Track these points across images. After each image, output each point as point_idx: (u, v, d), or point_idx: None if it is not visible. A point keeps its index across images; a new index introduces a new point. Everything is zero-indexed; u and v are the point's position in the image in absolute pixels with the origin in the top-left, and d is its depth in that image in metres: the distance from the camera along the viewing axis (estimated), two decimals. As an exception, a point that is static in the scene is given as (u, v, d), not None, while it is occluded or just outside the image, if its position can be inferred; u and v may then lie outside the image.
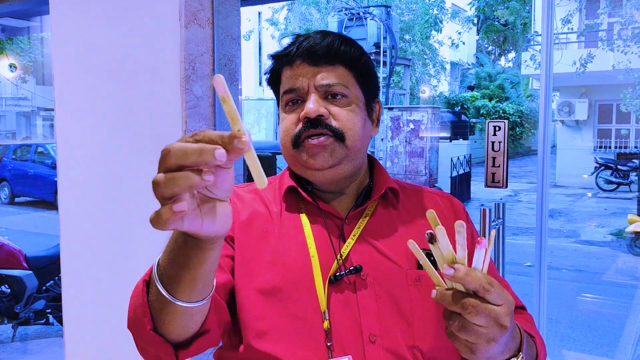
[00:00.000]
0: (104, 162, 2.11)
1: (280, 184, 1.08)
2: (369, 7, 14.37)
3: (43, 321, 4.74)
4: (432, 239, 0.71)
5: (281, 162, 13.57)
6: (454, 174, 11.78)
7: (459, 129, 17.63)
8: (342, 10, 14.28)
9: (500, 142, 1.58)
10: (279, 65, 1.05)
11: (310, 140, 0.99)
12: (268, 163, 9.64)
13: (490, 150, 1.59)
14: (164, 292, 0.73)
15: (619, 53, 11.45)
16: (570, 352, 4.70)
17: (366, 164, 1.09)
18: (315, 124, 0.98)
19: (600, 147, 15.23)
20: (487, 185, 1.64)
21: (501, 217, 1.67)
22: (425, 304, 0.98)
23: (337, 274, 0.97)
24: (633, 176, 12.85)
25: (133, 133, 2.02)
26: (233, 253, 0.99)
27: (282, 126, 1.04)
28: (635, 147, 14.48)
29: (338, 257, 0.98)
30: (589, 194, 13.06)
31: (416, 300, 0.98)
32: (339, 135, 0.99)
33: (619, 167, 13.20)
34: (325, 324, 0.93)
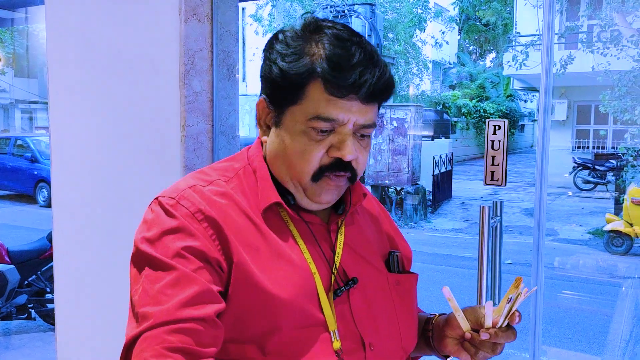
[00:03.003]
0: (100, 157, 2.11)
1: (256, 188, 0.97)
2: (353, 4, 14.40)
3: (25, 316, 4.70)
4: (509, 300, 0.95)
5: (264, 158, 13.50)
6: (436, 172, 11.89)
7: (441, 128, 17.78)
8: (326, 8, 14.29)
9: (500, 141, 1.62)
10: (321, 83, 0.89)
11: (330, 179, 0.93)
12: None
13: (489, 148, 1.63)
14: None
15: (599, 55, 11.65)
16: (551, 347, 4.79)
17: None
18: (344, 166, 0.92)
19: (579, 147, 15.49)
20: (486, 183, 1.68)
21: (499, 215, 1.71)
22: (404, 306, 1.02)
23: (338, 289, 0.94)
24: (610, 176, 13.10)
25: (131, 128, 2.01)
26: (222, 276, 0.88)
27: (301, 152, 0.92)
28: (613, 147, 14.76)
29: (334, 270, 0.95)
30: (570, 193, 13.28)
31: (397, 303, 1.01)
32: (354, 177, 0.96)
33: (597, 167, 13.45)
34: (337, 344, 0.91)
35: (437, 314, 1.10)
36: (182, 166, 1.90)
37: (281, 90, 0.92)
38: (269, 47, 0.96)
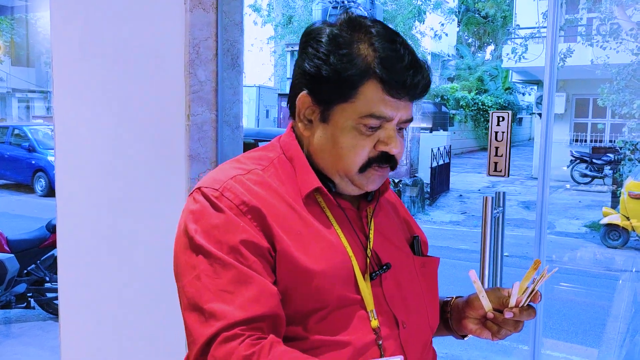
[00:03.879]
0: (104, 146, 2.11)
1: (293, 175, 1.01)
2: (353, -5, 14.35)
3: (24, 305, 4.70)
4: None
5: (262, 149, 13.47)
6: (434, 164, 11.90)
7: (440, 120, 17.78)
8: (326, -1, 14.23)
9: (503, 132, 1.63)
10: (375, 82, 0.94)
11: (375, 170, 0.99)
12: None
13: (493, 139, 1.64)
14: None
15: (598, 48, 11.65)
16: (548, 339, 4.83)
17: None
18: (390, 159, 0.99)
19: (577, 141, 15.52)
20: (489, 174, 1.69)
21: (501, 206, 1.72)
22: (429, 287, 1.10)
23: (373, 273, 1.00)
24: (607, 170, 13.14)
25: (135, 117, 2.01)
26: (272, 263, 0.93)
27: (352, 148, 0.97)
28: (610, 141, 14.79)
29: (369, 253, 1.01)
30: (568, 186, 13.33)
31: (423, 284, 1.09)
32: (394, 166, 1.02)
33: (594, 160, 13.49)
34: (374, 323, 0.97)
35: (454, 297, 1.17)
36: (187, 155, 1.91)
37: (332, 88, 0.95)
38: (314, 43, 0.98)
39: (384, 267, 1.01)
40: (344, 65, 0.94)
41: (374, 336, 0.96)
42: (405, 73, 0.93)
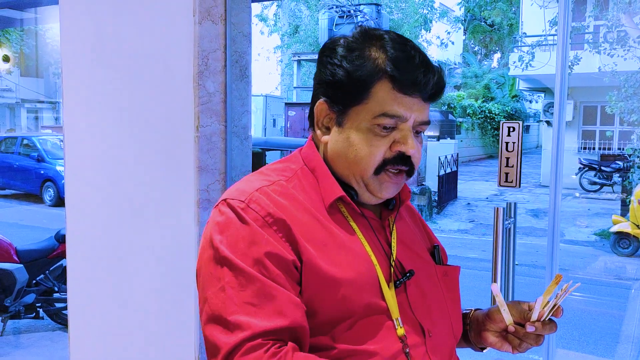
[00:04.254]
0: (113, 157, 2.11)
1: (316, 185, 1.02)
2: (359, 4, 14.40)
3: (33, 315, 4.71)
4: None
5: (270, 159, 13.54)
6: (442, 172, 11.87)
7: (447, 128, 17.76)
8: (332, 8, 14.29)
9: (514, 143, 1.62)
10: (387, 82, 0.96)
11: (390, 174, 1.00)
12: (258, 159, 9.63)
13: (504, 150, 1.63)
14: None
15: (605, 55, 11.61)
16: (559, 349, 4.78)
17: None
18: (405, 161, 0.99)
19: (585, 148, 15.44)
20: (500, 185, 1.68)
21: (512, 216, 1.71)
22: (452, 296, 1.11)
23: (397, 280, 1.00)
24: (616, 177, 13.05)
25: (145, 128, 2.02)
26: (297, 275, 0.94)
27: (367, 148, 0.98)
28: (619, 148, 14.70)
29: (392, 262, 1.02)
30: (577, 194, 13.25)
31: (446, 292, 1.09)
32: (411, 172, 1.02)
33: (603, 168, 13.40)
34: (400, 331, 0.97)
35: (473, 309, 1.17)
36: (196, 166, 1.91)
37: (346, 92, 0.98)
38: (329, 53, 1.01)
39: (408, 274, 1.02)
40: (356, 66, 0.97)
41: (401, 344, 0.96)
42: (416, 71, 0.96)
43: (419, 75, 0.96)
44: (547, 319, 1.02)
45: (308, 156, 1.06)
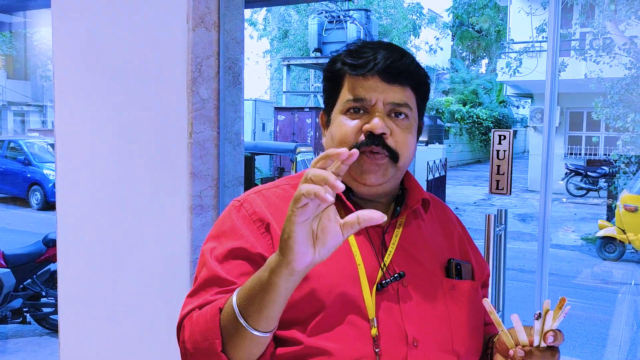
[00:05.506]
0: (106, 163, 2.11)
1: None
2: (349, 10, 14.46)
3: (20, 320, 4.67)
4: (539, 317, 0.93)
5: (259, 163, 13.53)
6: (430, 177, 11.93)
7: (435, 133, 17.86)
8: (322, 13, 14.33)
9: (505, 151, 1.64)
10: (346, 71, 1.05)
11: (367, 156, 1.02)
12: (248, 164, 9.62)
13: (495, 158, 1.65)
14: (244, 324, 0.85)
15: (591, 62, 11.75)
16: (546, 353, 4.80)
17: None
18: (376, 140, 1.01)
19: (571, 154, 15.60)
20: (491, 192, 1.70)
21: (503, 223, 1.73)
22: (460, 311, 1.06)
23: (383, 281, 1.00)
24: (602, 182, 13.20)
25: (138, 134, 2.02)
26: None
27: (339, 130, 1.05)
28: (605, 154, 14.87)
29: (382, 265, 1.02)
30: (564, 200, 13.38)
31: (452, 306, 1.05)
32: (394, 157, 1.03)
33: (589, 173, 13.55)
34: (374, 331, 0.97)
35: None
36: (189, 173, 1.91)
37: (328, 94, 1.10)
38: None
39: (396, 276, 1.01)
40: (327, 68, 1.09)
41: (372, 345, 0.96)
42: (366, 53, 1.03)
43: (368, 56, 1.03)
44: (541, 345, 0.94)
45: None
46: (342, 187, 0.73)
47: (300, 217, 0.75)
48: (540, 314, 0.93)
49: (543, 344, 0.95)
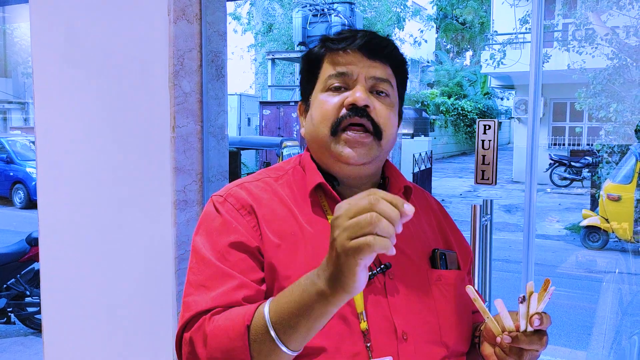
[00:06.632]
0: (88, 158, 2.08)
1: (303, 180, 1.06)
2: (333, 3, 14.42)
3: (4, 320, 4.61)
4: (524, 300, 0.91)
5: (245, 158, 13.49)
6: (416, 169, 11.97)
7: (420, 126, 17.92)
8: (306, 6, 14.28)
9: (490, 141, 1.64)
10: (328, 50, 1.05)
11: (350, 132, 1.00)
12: (233, 159, 9.57)
13: (480, 148, 1.65)
14: (284, 349, 0.82)
15: (574, 53, 11.84)
16: (533, 342, 4.84)
17: None
18: (360, 113, 1.00)
19: (555, 144, 15.73)
20: (476, 182, 1.71)
21: (489, 213, 1.73)
22: (447, 302, 1.04)
23: (370, 273, 0.96)
24: (585, 172, 13.33)
25: (120, 129, 1.99)
26: (262, 261, 0.99)
27: (320, 108, 1.03)
28: (588, 144, 15.02)
29: None
30: (548, 190, 13.49)
31: (438, 297, 1.04)
32: (378, 133, 1.01)
33: (573, 163, 13.68)
34: (363, 325, 0.95)
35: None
36: (172, 167, 1.89)
37: (307, 79, 1.08)
38: None
39: (382, 267, 0.99)
40: (306, 55, 1.09)
41: (362, 339, 0.94)
42: (347, 34, 1.04)
43: (346, 34, 1.04)
44: (528, 330, 0.91)
45: (302, 156, 1.12)
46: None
47: (362, 265, 0.74)
48: (524, 297, 0.91)
49: (530, 328, 0.91)
